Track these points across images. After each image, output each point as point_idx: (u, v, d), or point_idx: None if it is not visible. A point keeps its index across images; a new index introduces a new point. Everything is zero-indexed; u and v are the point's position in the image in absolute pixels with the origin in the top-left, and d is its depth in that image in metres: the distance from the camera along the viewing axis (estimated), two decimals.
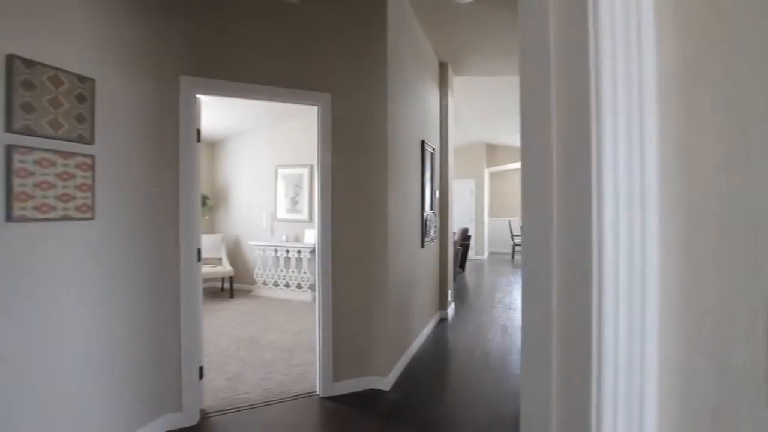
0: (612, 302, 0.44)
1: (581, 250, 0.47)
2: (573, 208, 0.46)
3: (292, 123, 5.85)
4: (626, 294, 0.44)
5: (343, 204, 2.75)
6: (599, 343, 0.44)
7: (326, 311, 2.67)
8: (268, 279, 5.81)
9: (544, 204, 0.51)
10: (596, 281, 0.44)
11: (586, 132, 0.45)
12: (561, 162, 0.48)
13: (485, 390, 2.87)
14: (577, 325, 0.48)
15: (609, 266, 0.44)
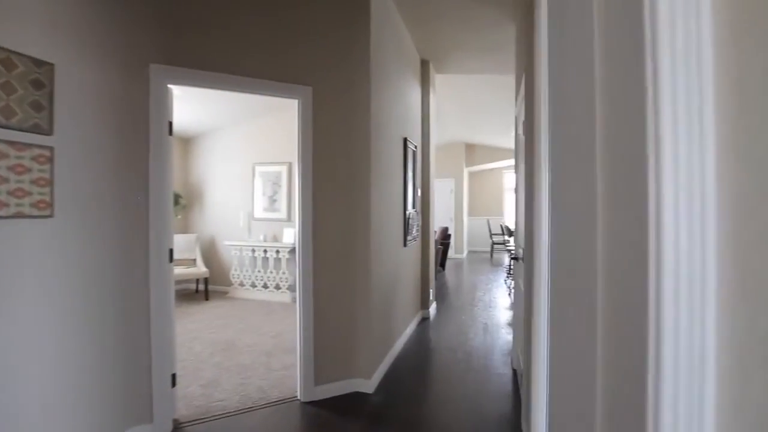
0: (671, 303, 0.39)
1: (635, 250, 0.41)
2: (626, 209, 0.40)
3: (270, 119, 5.68)
4: (686, 295, 0.38)
5: (325, 201, 2.66)
6: (657, 348, 0.39)
7: (307, 312, 2.57)
8: (245, 280, 5.63)
9: (583, 204, 0.44)
10: (653, 281, 0.39)
11: (641, 132, 0.40)
12: (608, 164, 0.42)
13: (468, 390, 2.84)
14: (631, 328, 0.42)
15: (668, 265, 0.38)
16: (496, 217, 11.47)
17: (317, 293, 2.62)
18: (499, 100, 6.10)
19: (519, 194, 2.96)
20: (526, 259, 2.17)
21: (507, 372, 3.15)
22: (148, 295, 2.13)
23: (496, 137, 9.11)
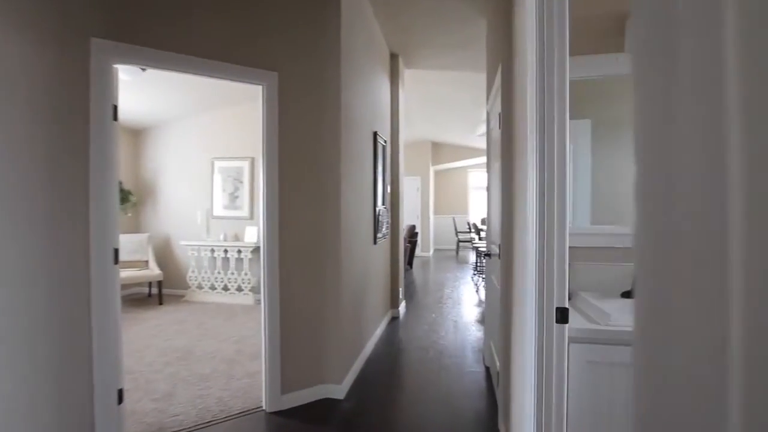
0: None
1: None
2: None
3: (231, 111, 5.36)
4: None
5: (292, 196, 2.49)
6: None
7: (273, 316, 2.39)
8: (204, 282, 5.29)
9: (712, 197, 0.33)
10: None
11: None
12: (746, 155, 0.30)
13: (442, 390, 2.78)
14: None
15: None
16: (461, 216, 11.61)
17: (284, 294, 2.44)
18: (464, 99, 6.12)
19: (492, 191, 2.92)
20: (504, 255, 2.12)
21: (480, 369, 3.12)
22: (88, 301, 1.87)
23: (462, 136, 9.20)
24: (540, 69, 1.30)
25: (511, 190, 1.90)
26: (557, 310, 1.27)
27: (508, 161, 2.03)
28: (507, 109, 2.07)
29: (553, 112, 1.29)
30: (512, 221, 1.88)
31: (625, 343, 1.32)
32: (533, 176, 1.32)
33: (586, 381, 1.34)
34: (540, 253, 1.29)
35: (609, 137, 1.87)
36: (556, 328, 1.28)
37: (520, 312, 1.62)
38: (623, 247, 1.79)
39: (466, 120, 7.54)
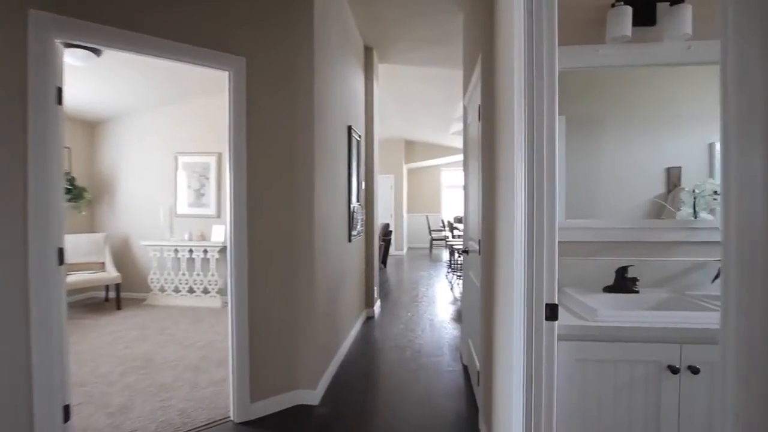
0: None
1: None
2: None
3: (197, 102, 5.08)
4: None
5: (261, 192, 2.33)
6: None
7: (241, 319, 2.22)
8: (167, 284, 4.99)
9: None
10: None
11: None
12: None
13: (420, 390, 2.70)
14: None
15: None
16: (434, 214, 11.65)
17: (253, 296, 2.28)
18: (439, 97, 6.09)
19: (470, 187, 2.87)
20: (485, 250, 2.06)
21: (458, 368, 3.06)
22: (26, 307, 1.66)
23: (435, 134, 9.21)
24: (528, 58, 1.24)
25: (494, 182, 1.83)
26: (546, 307, 1.21)
27: (489, 153, 1.96)
28: (487, 100, 2.00)
29: (542, 103, 1.22)
30: (495, 215, 1.81)
31: (614, 339, 1.28)
32: (521, 168, 1.25)
33: (575, 380, 1.29)
34: (528, 247, 1.22)
35: (583, 133, 1.84)
36: (546, 325, 1.21)
37: (504, 309, 1.55)
38: (600, 241, 1.76)
39: (439, 118, 7.53)
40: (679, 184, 1.77)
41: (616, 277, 1.68)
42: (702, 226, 1.72)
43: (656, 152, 1.79)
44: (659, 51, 1.72)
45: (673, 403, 1.26)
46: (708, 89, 1.75)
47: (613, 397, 1.28)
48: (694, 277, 1.72)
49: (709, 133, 1.75)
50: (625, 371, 1.27)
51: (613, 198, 1.79)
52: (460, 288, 6.04)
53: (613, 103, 1.80)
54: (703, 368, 1.24)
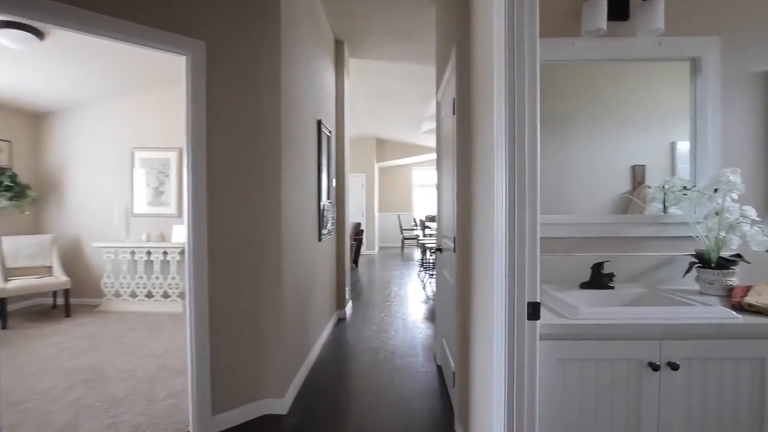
0: None
1: None
2: None
3: (156, 95, 4.77)
4: None
5: (224, 189, 2.17)
6: None
7: (201, 325, 2.06)
8: (123, 289, 4.66)
9: None
10: None
11: None
12: None
13: (395, 392, 2.62)
14: None
15: None
16: (406, 213, 11.65)
17: (214, 300, 2.12)
18: (410, 94, 6.05)
19: (444, 182, 2.81)
20: (461, 247, 2.00)
21: (432, 368, 3.01)
22: None
23: (407, 133, 9.18)
24: (509, 50, 1.17)
25: (470, 176, 1.77)
26: (528, 305, 1.15)
27: (465, 146, 1.90)
28: (462, 92, 1.94)
29: (524, 94, 1.16)
30: (471, 210, 1.75)
31: (596, 337, 1.24)
32: (502, 162, 1.19)
33: (556, 380, 1.24)
34: (509, 243, 1.16)
35: (551, 131, 1.81)
36: (528, 325, 1.15)
37: (483, 308, 1.49)
38: (574, 237, 1.74)
39: (411, 116, 7.50)
40: (644, 182, 1.78)
41: (592, 273, 1.66)
42: (672, 221, 1.74)
43: (622, 150, 1.79)
44: (632, 45, 1.72)
45: (653, 400, 1.23)
46: (669, 89, 1.77)
47: (594, 397, 1.24)
48: (665, 271, 1.73)
49: (671, 133, 1.77)
50: (607, 370, 1.24)
51: (582, 195, 1.78)
52: (433, 287, 6.02)
53: (581, 101, 1.78)
54: (681, 364, 1.22)
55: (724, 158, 1.73)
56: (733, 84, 1.73)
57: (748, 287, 1.51)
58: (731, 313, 1.26)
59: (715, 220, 1.58)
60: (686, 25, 1.72)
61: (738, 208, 1.55)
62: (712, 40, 1.71)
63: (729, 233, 1.56)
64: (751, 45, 1.72)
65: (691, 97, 1.75)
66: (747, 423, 1.24)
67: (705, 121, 1.72)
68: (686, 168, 1.76)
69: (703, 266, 1.60)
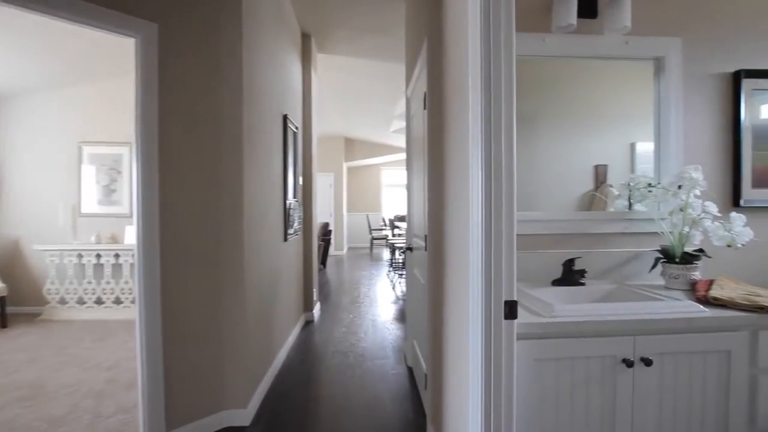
0: None
1: None
2: None
3: (107, 84, 4.43)
4: None
5: (179, 185, 2.01)
6: None
7: (153, 334, 1.89)
8: (69, 295, 4.29)
9: None
10: None
11: None
12: None
13: (364, 396, 2.53)
14: None
15: None
16: (375, 213, 11.58)
17: (168, 306, 1.95)
18: (379, 92, 5.99)
19: (414, 180, 2.76)
20: (432, 246, 1.95)
21: (402, 370, 2.95)
22: None
23: (376, 132, 9.12)
24: (485, 43, 1.12)
25: (442, 171, 1.72)
26: (505, 305, 1.10)
27: (436, 141, 1.85)
28: (434, 86, 1.89)
29: (500, 89, 1.12)
30: (444, 206, 1.70)
31: (571, 335, 1.21)
32: (477, 157, 1.13)
33: (533, 381, 1.20)
34: (486, 240, 1.11)
35: (518, 129, 1.81)
36: (505, 325, 1.10)
37: (457, 307, 1.44)
38: (544, 234, 1.73)
39: (380, 115, 7.44)
40: (606, 181, 1.80)
41: (563, 270, 1.65)
42: (638, 218, 1.76)
43: (586, 150, 1.80)
44: (600, 43, 1.73)
45: (627, 396, 1.22)
46: (630, 91, 1.80)
47: (570, 396, 1.22)
48: (632, 267, 1.75)
49: (631, 133, 1.80)
50: (582, 368, 1.21)
51: (548, 193, 1.78)
52: (403, 287, 5.99)
53: (547, 101, 1.78)
54: (654, 359, 1.22)
55: (687, 156, 1.78)
56: (693, 84, 1.78)
57: (710, 281, 1.55)
58: (699, 307, 1.27)
59: (680, 216, 1.61)
60: (651, 25, 1.75)
61: (700, 205, 1.58)
62: (675, 40, 1.75)
63: (692, 229, 1.59)
64: (710, 47, 1.78)
65: (655, 96, 1.79)
66: (713, 414, 1.25)
67: (668, 119, 1.76)
68: (645, 168, 1.80)
69: (668, 261, 1.63)
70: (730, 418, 1.25)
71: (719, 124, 1.80)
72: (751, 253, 1.76)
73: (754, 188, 1.82)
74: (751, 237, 1.49)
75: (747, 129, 1.81)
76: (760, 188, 1.83)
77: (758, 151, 1.82)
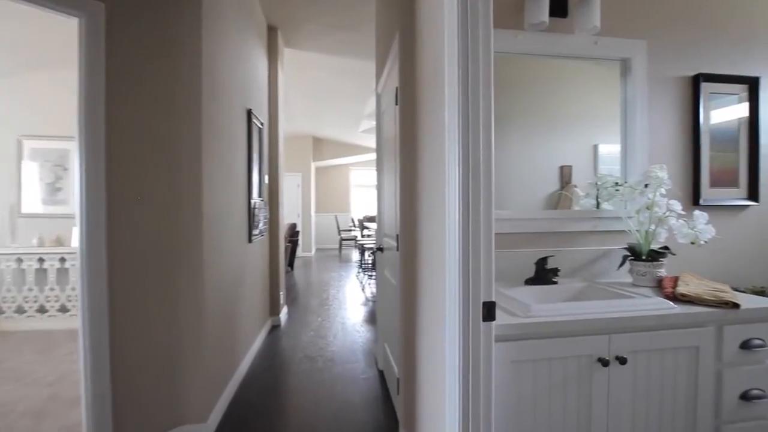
0: None
1: None
2: None
3: (51, 74, 4.07)
4: None
5: (129, 182, 1.84)
6: None
7: (98, 345, 1.71)
8: (6, 304, 3.90)
9: None
10: None
11: None
12: None
13: (334, 403, 2.44)
14: None
15: None
16: (343, 214, 11.45)
17: (116, 314, 1.78)
18: (348, 91, 5.90)
19: (385, 176, 2.70)
20: (405, 246, 1.89)
21: (373, 374, 2.87)
22: None
23: (345, 131, 9.01)
24: (462, 37, 1.07)
25: (415, 168, 1.66)
26: (483, 306, 1.06)
27: (409, 136, 1.79)
28: (406, 80, 1.84)
29: (478, 84, 1.07)
30: (417, 203, 1.64)
31: (549, 335, 1.18)
32: (455, 154, 1.08)
33: (511, 384, 1.17)
34: (464, 240, 1.06)
35: None
36: (483, 327, 1.06)
37: (432, 310, 1.39)
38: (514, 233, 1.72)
39: (349, 115, 7.34)
40: (571, 182, 1.82)
41: (536, 269, 1.63)
42: (606, 216, 1.78)
43: (552, 150, 1.81)
44: (571, 42, 1.74)
45: (602, 396, 1.21)
46: (595, 94, 1.82)
47: (548, 398, 1.19)
48: (600, 265, 1.77)
49: (594, 135, 1.83)
50: (559, 369, 1.19)
51: (517, 192, 1.77)
52: (372, 288, 5.91)
53: (516, 100, 1.77)
54: (628, 357, 1.21)
55: (651, 156, 1.82)
56: (658, 86, 1.82)
57: (675, 277, 1.59)
58: (669, 304, 1.29)
59: (646, 214, 1.64)
60: (619, 26, 1.78)
61: (665, 203, 1.62)
62: (641, 42, 1.79)
63: (658, 227, 1.62)
64: (673, 51, 1.83)
65: (622, 96, 1.82)
66: (683, 409, 1.27)
67: (634, 120, 1.80)
68: (607, 169, 1.82)
69: (635, 259, 1.65)
70: (698, 412, 1.27)
71: (681, 126, 1.86)
72: (710, 249, 1.82)
73: (712, 188, 1.90)
74: (713, 234, 1.53)
75: (705, 131, 1.88)
76: (716, 188, 1.90)
77: (715, 153, 1.90)
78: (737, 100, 1.91)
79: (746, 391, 1.29)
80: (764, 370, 1.30)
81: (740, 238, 1.90)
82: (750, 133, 1.92)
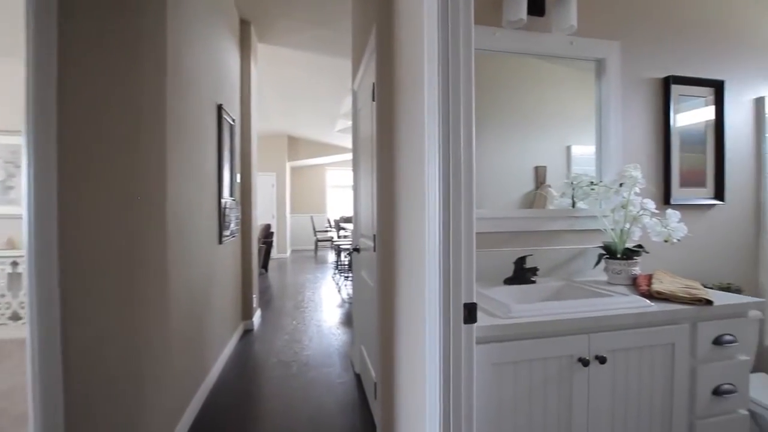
0: None
1: None
2: None
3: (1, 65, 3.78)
4: None
5: (84, 180, 1.70)
6: None
7: (49, 356, 1.57)
8: None
9: None
10: None
11: None
12: None
13: (310, 409, 2.36)
14: None
15: None
16: (319, 215, 11.29)
17: (70, 325, 1.64)
18: (324, 89, 5.80)
19: (362, 176, 2.64)
20: (382, 247, 1.84)
21: (350, 377, 2.80)
22: None
23: (320, 131, 8.88)
24: (443, 32, 1.03)
25: (393, 166, 1.62)
26: (465, 307, 1.02)
27: (386, 133, 1.74)
28: (383, 75, 1.79)
29: (458, 81, 1.04)
30: (394, 203, 1.59)
31: (529, 336, 1.16)
32: (435, 153, 1.04)
33: (492, 386, 1.13)
34: (444, 240, 1.02)
35: None
36: (464, 329, 1.02)
37: (411, 312, 1.34)
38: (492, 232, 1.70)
39: (324, 114, 7.23)
40: (545, 182, 1.82)
41: (515, 268, 1.62)
42: (581, 215, 1.79)
43: (527, 151, 1.81)
44: (548, 41, 1.74)
45: (583, 396, 1.20)
46: (568, 95, 1.83)
47: (528, 400, 1.16)
48: (576, 263, 1.78)
49: (567, 136, 1.84)
50: (539, 370, 1.17)
51: (493, 192, 1.76)
52: (349, 289, 5.83)
53: (493, 100, 1.76)
54: (608, 356, 1.21)
55: (625, 155, 1.84)
56: (631, 86, 1.85)
57: (649, 275, 1.61)
58: (645, 302, 1.29)
59: (621, 213, 1.65)
60: (595, 27, 1.79)
61: (639, 202, 1.64)
62: (614, 44, 1.81)
63: (632, 225, 1.64)
64: (645, 52, 1.86)
65: (597, 96, 1.84)
66: (659, 406, 1.27)
67: (608, 120, 1.81)
68: (580, 170, 1.83)
69: (610, 257, 1.66)
70: (674, 409, 1.28)
71: (653, 127, 1.89)
72: (681, 247, 1.87)
73: (682, 188, 1.95)
74: (685, 232, 1.56)
75: (675, 133, 1.92)
76: (686, 188, 1.95)
77: (684, 154, 1.95)
78: (704, 102, 1.97)
79: (718, 386, 1.31)
80: (735, 366, 1.33)
81: (707, 235, 1.96)
82: (716, 136, 1.98)
